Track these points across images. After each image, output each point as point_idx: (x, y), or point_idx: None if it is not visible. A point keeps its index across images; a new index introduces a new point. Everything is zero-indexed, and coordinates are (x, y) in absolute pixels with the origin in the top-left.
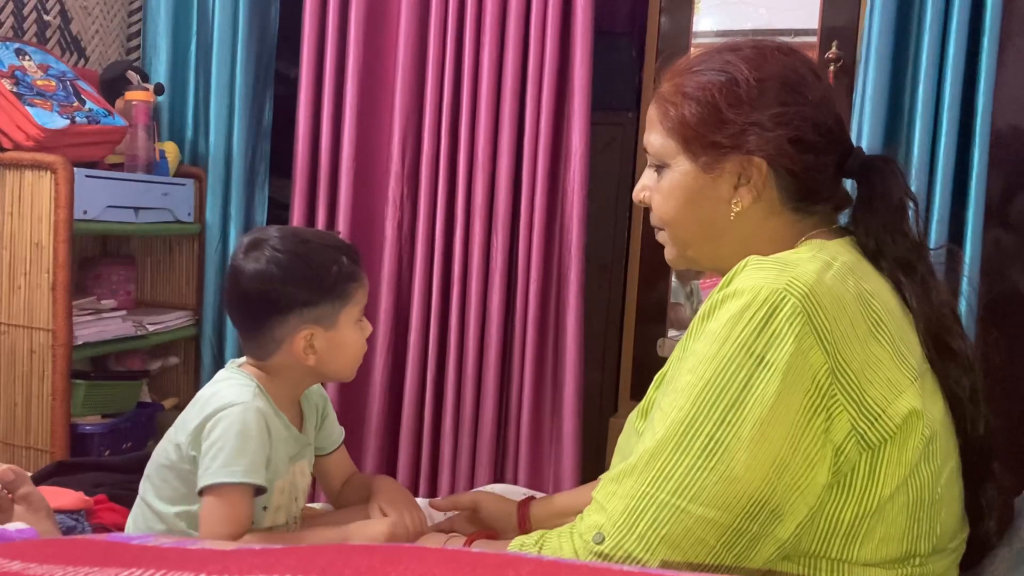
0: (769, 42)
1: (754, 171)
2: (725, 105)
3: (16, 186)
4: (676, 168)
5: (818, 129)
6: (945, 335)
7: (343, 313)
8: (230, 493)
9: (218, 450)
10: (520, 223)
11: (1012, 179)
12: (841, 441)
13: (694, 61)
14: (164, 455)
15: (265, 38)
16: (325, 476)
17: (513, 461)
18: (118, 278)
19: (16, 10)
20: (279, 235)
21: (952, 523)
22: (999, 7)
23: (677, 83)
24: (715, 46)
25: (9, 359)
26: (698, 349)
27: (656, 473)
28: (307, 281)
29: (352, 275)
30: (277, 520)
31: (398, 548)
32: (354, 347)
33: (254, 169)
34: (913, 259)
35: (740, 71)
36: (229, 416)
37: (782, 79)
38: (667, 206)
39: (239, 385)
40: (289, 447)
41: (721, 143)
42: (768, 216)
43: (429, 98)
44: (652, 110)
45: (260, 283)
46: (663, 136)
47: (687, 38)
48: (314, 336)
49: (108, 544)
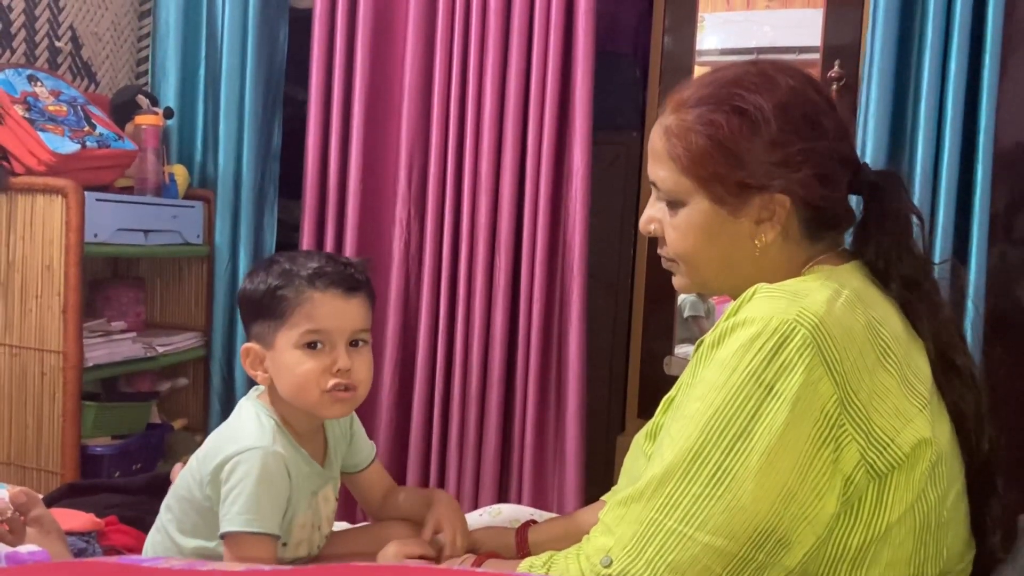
0: (769, 65)
1: (777, 208)
2: (744, 144)
3: (28, 210)
4: (694, 207)
5: (840, 161)
6: (950, 352)
7: (280, 334)
8: (249, 541)
9: (237, 495)
10: (523, 242)
11: (1016, 194)
12: (850, 471)
13: (698, 93)
14: (185, 487)
15: (274, 62)
16: (361, 492)
17: (517, 480)
18: (128, 300)
19: (28, 37)
20: (279, 255)
21: (959, 545)
22: (1000, 22)
23: (684, 119)
24: (714, 75)
25: (20, 381)
26: (707, 376)
27: (664, 500)
28: (248, 296)
29: (293, 296)
30: (299, 554)
31: (407, 568)
32: (292, 372)
33: (263, 191)
34: (919, 277)
35: (754, 104)
36: (248, 461)
37: (800, 112)
38: (686, 244)
39: (259, 425)
40: (311, 483)
41: (745, 183)
42: (784, 245)
43: (435, 120)
44: (658, 143)
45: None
46: (675, 174)
47: (691, 57)
48: (258, 354)
49: (120, 566)
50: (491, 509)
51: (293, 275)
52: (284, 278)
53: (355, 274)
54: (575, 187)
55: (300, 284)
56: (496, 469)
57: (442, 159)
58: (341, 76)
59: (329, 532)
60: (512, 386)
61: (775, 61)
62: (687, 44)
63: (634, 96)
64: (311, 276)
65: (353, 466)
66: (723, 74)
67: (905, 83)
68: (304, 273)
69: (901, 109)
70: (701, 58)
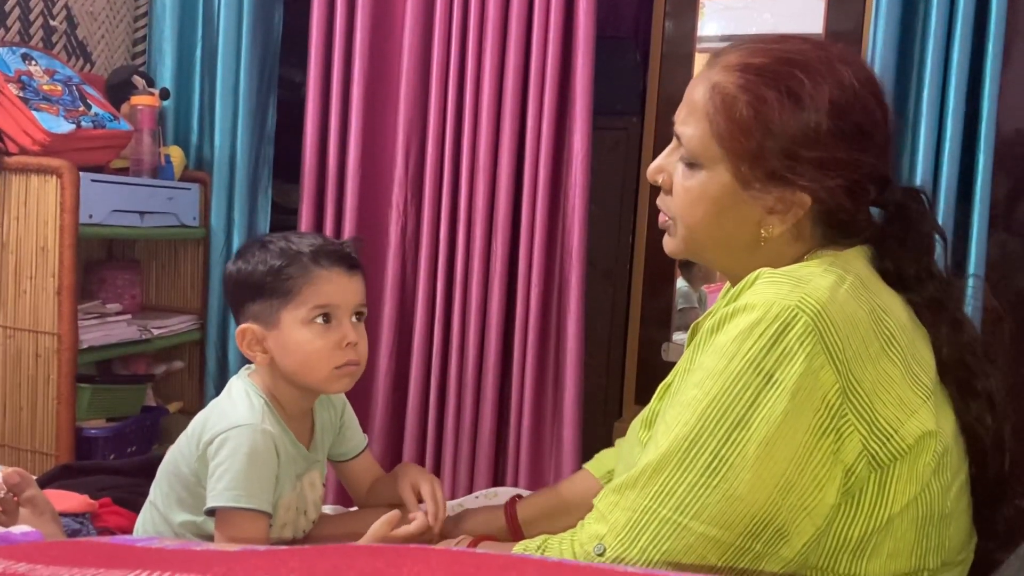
0: (838, 53)
1: (795, 206)
2: (789, 133)
3: (22, 190)
4: (712, 175)
5: (875, 179)
6: (971, 377)
7: (284, 312)
8: (238, 518)
9: (224, 471)
10: (521, 228)
11: (1017, 183)
12: (852, 462)
13: (758, 60)
14: (172, 463)
15: (269, 43)
16: (350, 481)
17: (513, 466)
18: (123, 282)
19: (23, 15)
20: (270, 236)
21: (960, 536)
22: (1004, 10)
23: (736, 82)
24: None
25: (15, 363)
26: (706, 363)
27: (659, 488)
28: (244, 277)
29: (300, 274)
30: (284, 535)
31: (402, 549)
32: (302, 349)
33: (257, 174)
34: (944, 299)
35: (811, 95)
36: (237, 437)
37: (856, 120)
38: (690, 209)
39: (249, 403)
40: (296, 465)
41: (774, 171)
42: (791, 241)
43: (432, 103)
44: (700, 96)
45: (225, 280)
46: (706, 135)
47: (691, 43)
48: (256, 334)
49: (113, 546)
50: (487, 492)
51: (296, 254)
52: (286, 257)
53: (352, 252)
54: (574, 172)
55: (305, 262)
56: (492, 454)
57: (440, 143)
58: (340, 58)
59: (316, 518)
60: (509, 372)
61: (845, 50)
62: (688, 30)
63: (634, 82)
64: (314, 254)
65: (343, 454)
66: (789, 47)
67: (907, 70)
68: (307, 251)
69: (903, 96)
70: (702, 44)
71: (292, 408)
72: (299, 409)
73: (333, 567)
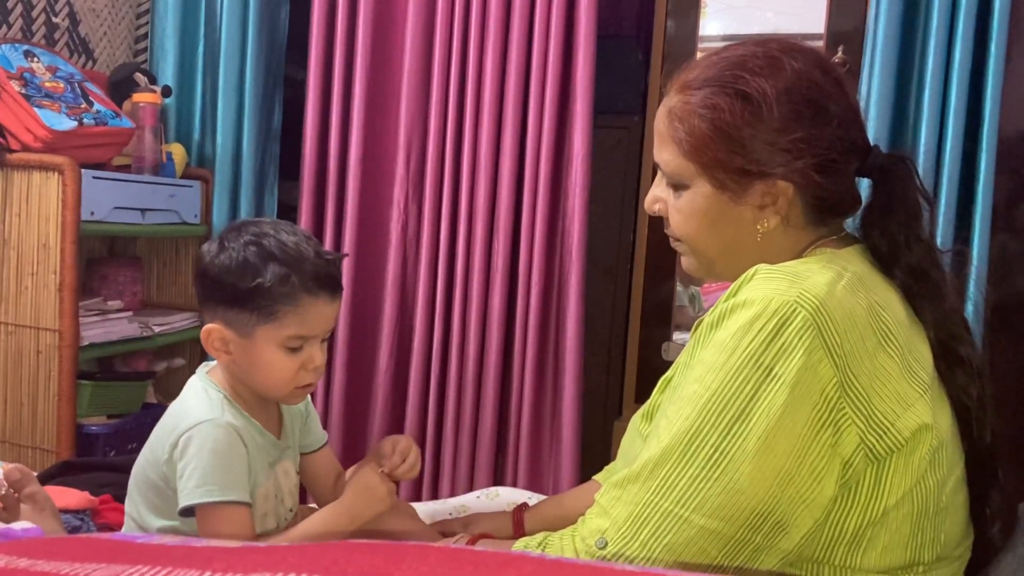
0: (776, 44)
1: (780, 195)
2: (747, 130)
3: (24, 187)
4: (696, 191)
5: (844, 147)
6: (954, 342)
7: (261, 329)
8: (216, 513)
9: (192, 469)
10: (522, 226)
11: (1019, 184)
12: (849, 455)
13: (703, 74)
14: (141, 472)
15: (275, 41)
16: (310, 477)
17: (513, 465)
18: (124, 279)
19: (25, 12)
20: (256, 229)
21: (956, 531)
22: (1007, 10)
23: (688, 101)
24: (721, 54)
25: (16, 359)
26: (706, 358)
27: (660, 482)
28: (227, 282)
29: (287, 300)
30: (266, 525)
31: (402, 546)
32: (271, 368)
33: (264, 171)
34: (926, 265)
35: (757, 89)
36: (200, 434)
37: (805, 97)
38: (689, 227)
39: (207, 399)
40: (267, 453)
41: (745, 169)
42: (787, 231)
43: (434, 102)
44: (662, 124)
45: (201, 271)
46: (678, 157)
47: (694, 42)
48: (225, 337)
49: (114, 542)
50: (488, 491)
51: (286, 276)
52: (276, 278)
53: (337, 274)
54: (575, 171)
55: (295, 286)
56: (492, 453)
57: (441, 142)
58: (341, 56)
59: (294, 506)
60: (509, 370)
61: (783, 41)
62: (690, 29)
63: (636, 80)
64: (304, 278)
65: (306, 446)
66: (729, 54)
67: (909, 70)
68: (298, 274)
69: (904, 96)
70: (703, 43)
71: (253, 400)
72: (258, 401)
73: (332, 562)
